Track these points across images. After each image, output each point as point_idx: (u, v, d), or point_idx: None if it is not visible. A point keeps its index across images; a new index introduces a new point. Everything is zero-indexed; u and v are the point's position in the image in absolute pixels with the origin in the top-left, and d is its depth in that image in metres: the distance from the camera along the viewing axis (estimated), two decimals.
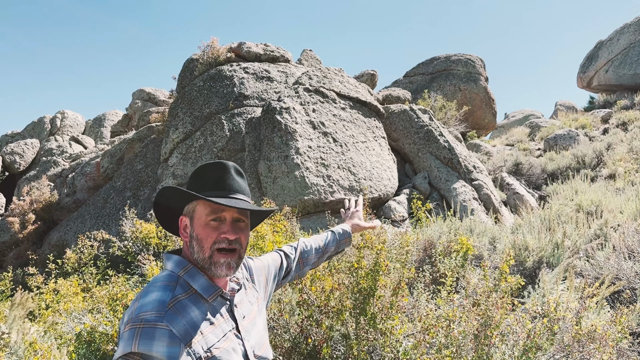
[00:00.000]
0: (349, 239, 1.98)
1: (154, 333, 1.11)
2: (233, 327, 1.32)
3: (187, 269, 1.31)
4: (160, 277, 1.29)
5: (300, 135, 8.08)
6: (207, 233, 1.31)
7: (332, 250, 1.92)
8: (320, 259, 1.89)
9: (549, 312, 2.71)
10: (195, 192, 1.33)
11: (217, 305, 1.31)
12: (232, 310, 1.35)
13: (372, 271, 2.88)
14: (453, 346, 2.61)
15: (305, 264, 1.82)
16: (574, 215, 6.57)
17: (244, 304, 1.42)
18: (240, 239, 1.34)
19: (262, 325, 1.46)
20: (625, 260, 4.13)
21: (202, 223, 1.32)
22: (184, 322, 1.18)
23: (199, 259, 1.32)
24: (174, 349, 1.12)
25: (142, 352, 1.09)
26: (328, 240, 1.91)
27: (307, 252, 1.83)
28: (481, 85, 17.94)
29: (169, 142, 9.38)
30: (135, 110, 17.64)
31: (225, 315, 1.31)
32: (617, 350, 2.87)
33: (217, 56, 10.38)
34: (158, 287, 1.24)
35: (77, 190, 11.27)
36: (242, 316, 1.38)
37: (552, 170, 12.22)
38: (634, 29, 22.23)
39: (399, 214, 8.00)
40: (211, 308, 1.28)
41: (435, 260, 4.50)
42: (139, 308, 1.16)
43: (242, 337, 1.33)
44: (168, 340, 1.12)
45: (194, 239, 1.32)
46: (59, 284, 5.18)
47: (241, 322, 1.36)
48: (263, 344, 1.41)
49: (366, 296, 2.85)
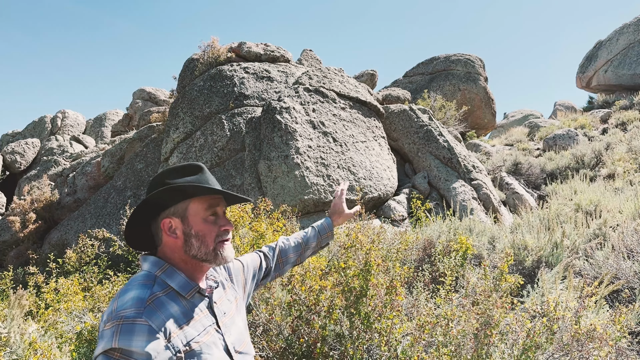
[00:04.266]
0: (331, 233, 1.98)
1: (134, 329, 1.14)
2: (213, 322, 1.36)
3: (164, 269, 1.34)
4: (138, 277, 1.31)
5: (300, 134, 8.09)
6: (209, 228, 1.37)
7: (313, 245, 1.93)
8: (302, 255, 1.91)
9: (548, 312, 2.72)
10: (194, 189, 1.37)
11: (195, 301, 1.34)
12: (211, 307, 1.39)
13: (362, 271, 2.89)
14: (452, 345, 2.63)
15: (285, 262, 1.86)
16: (573, 214, 6.58)
17: (223, 301, 1.46)
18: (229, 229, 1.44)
19: (242, 323, 1.51)
20: (624, 259, 4.14)
21: (201, 219, 1.36)
22: (163, 318, 1.20)
23: (200, 254, 1.35)
24: (153, 344, 1.14)
25: (122, 347, 1.11)
26: (308, 236, 1.92)
27: (286, 251, 1.86)
28: (480, 85, 17.95)
29: (170, 141, 9.40)
30: (136, 110, 17.64)
31: (205, 311, 1.35)
32: (616, 349, 2.89)
33: (217, 56, 10.38)
34: (136, 285, 1.26)
35: (77, 190, 11.28)
36: (222, 312, 1.42)
37: (551, 170, 12.23)
38: (633, 29, 22.23)
39: (398, 213, 8.02)
40: (190, 304, 1.32)
41: (435, 260, 4.52)
42: (119, 306, 1.19)
43: (222, 332, 1.37)
44: (147, 335, 1.14)
45: (193, 236, 1.35)
46: (59, 283, 5.19)
47: (221, 318, 1.40)
48: (243, 341, 1.45)
49: (358, 296, 2.85)
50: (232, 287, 1.58)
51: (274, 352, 2.98)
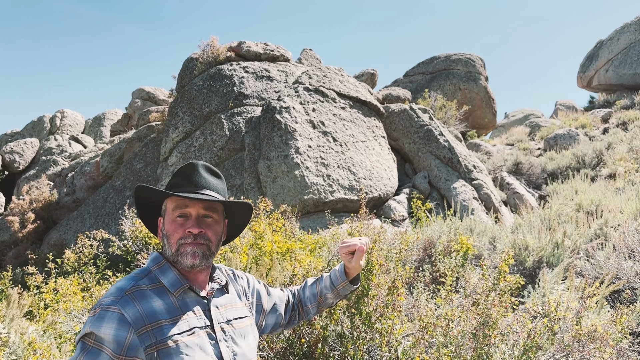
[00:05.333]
0: (344, 283, 1.67)
1: (105, 315, 1.18)
2: (206, 325, 1.32)
3: (160, 265, 1.36)
4: (134, 272, 1.36)
5: (300, 134, 8.07)
6: (174, 228, 1.36)
7: (330, 297, 1.70)
8: (320, 307, 1.73)
9: (549, 312, 2.70)
10: (167, 190, 1.38)
11: (188, 301, 1.33)
12: (208, 310, 1.36)
13: (364, 271, 2.87)
14: (452, 345, 2.61)
15: (305, 312, 1.73)
16: (574, 214, 6.56)
17: (229, 310, 1.42)
18: (206, 234, 1.36)
19: (253, 343, 1.44)
20: (626, 259, 4.12)
21: (170, 219, 1.38)
22: (139, 309, 1.22)
23: (169, 254, 1.36)
24: (120, 332, 1.17)
25: (93, 331, 1.17)
26: (321, 287, 1.72)
27: (305, 301, 1.72)
28: (481, 84, 17.93)
29: (169, 141, 9.37)
30: (135, 110, 17.62)
31: (198, 313, 1.33)
32: (618, 350, 2.87)
33: (216, 55, 10.36)
34: (126, 278, 1.31)
35: (76, 190, 11.26)
36: (224, 319, 1.38)
37: (552, 169, 12.21)
38: (634, 28, 22.21)
39: (398, 213, 7.99)
40: (179, 302, 1.31)
41: (435, 260, 4.50)
42: (103, 296, 1.25)
43: (216, 339, 1.32)
44: (117, 323, 1.17)
45: (164, 235, 1.38)
46: (58, 283, 5.17)
47: (220, 324, 1.36)
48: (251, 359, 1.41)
49: (359, 296, 2.83)
50: (247, 305, 1.52)
51: (275, 352, 2.97)
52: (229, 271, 1.58)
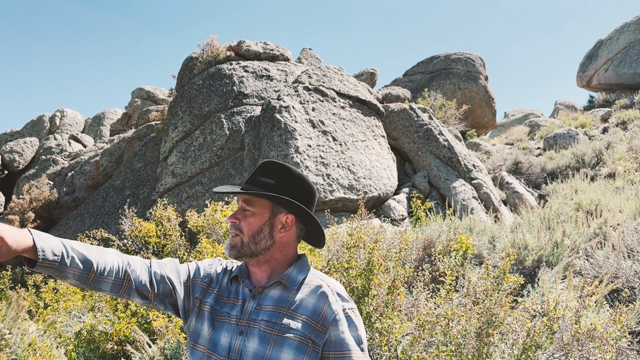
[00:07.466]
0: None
1: (203, 260, 1.55)
2: (237, 315, 1.35)
3: None
4: None
5: (299, 134, 8.07)
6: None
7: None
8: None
9: (548, 311, 2.71)
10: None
11: (240, 290, 1.41)
12: (244, 301, 1.38)
13: (365, 270, 2.87)
14: (452, 344, 2.61)
15: None
16: (574, 214, 6.57)
17: (273, 313, 1.32)
18: (239, 224, 1.40)
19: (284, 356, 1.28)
20: (625, 259, 4.13)
21: None
22: (214, 272, 1.48)
23: None
24: (195, 267, 1.50)
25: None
26: None
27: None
28: (481, 84, 17.93)
29: (169, 140, 9.37)
30: (135, 109, 17.61)
31: (239, 302, 1.38)
32: (617, 349, 2.87)
33: (216, 55, 10.36)
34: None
35: (76, 189, 11.26)
36: (257, 316, 1.32)
37: (552, 169, 12.22)
38: (633, 28, 22.21)
39: (398, 212, 8.00)
40: (234, 288, 1.43)
41: (435, 259, 4.50)
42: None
43: (238, 330, 1.31)
44: (197, 265, 1.51)
45: None
46: (58, 282, 5.17)
47: (249, 319, 1.32)
48: None
49: (360, 295, 2.84)
50: (293, 317, 1.33)
51: None
52: (328, 289, 1.38)
